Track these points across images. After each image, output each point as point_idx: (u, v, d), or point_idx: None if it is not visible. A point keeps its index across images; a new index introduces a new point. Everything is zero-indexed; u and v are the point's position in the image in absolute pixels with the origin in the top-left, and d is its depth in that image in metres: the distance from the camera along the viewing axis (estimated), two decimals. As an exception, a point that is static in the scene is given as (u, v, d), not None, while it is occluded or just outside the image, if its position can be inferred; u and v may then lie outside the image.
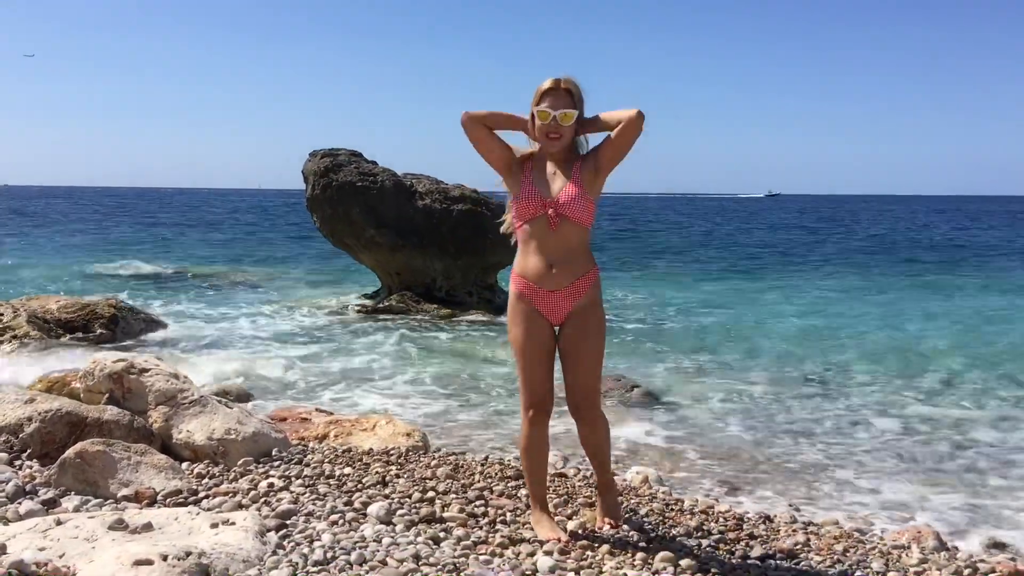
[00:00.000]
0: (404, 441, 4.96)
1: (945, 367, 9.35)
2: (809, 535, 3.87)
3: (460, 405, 7.37)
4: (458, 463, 4.56)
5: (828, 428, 6.82)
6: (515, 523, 3.61)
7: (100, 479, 3.79)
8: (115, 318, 9.91)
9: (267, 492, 3.87)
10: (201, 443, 4.41)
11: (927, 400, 7.85)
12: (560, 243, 3.31)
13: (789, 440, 6.45)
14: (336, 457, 4.53)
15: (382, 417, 5.42)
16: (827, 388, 8.27)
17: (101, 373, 4.71)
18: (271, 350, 9.90)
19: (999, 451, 6.28)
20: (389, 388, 8.06)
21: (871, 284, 18.43)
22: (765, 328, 12.10)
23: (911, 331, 11.96)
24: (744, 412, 7.26)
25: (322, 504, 3.72)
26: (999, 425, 6.97)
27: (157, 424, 4.51)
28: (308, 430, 5.24)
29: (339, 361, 9.30)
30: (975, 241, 33.67)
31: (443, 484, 4.07)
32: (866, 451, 6.21)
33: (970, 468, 5.86)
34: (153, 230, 36.54)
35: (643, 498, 4.18)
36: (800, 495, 5.15)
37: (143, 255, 23.01)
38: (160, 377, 4.72)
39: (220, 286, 16.58)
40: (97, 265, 19.79)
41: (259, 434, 4.54)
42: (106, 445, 3.91)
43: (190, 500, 3.74)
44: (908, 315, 13.55)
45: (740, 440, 6.41)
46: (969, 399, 7.92)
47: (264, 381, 8.12)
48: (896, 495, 5.22)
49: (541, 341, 3.37)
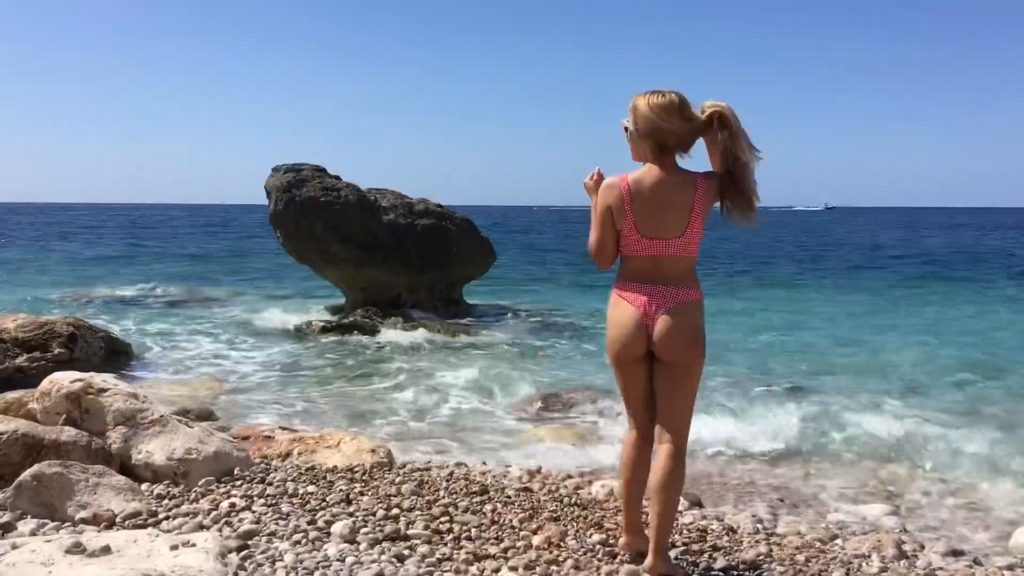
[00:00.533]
0: (369, 457, 4.93)
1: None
2: (772, 545, 3.91)
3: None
4: (423, 479, 4.54)
5: (795, 438, 6.89)
6: (480, 539, 3.61)
7: (57, 502, 3.72)
8: (74, 336, 9.73)
9: (228, 512, 3.82)
10: (161, 463, 4.35)
11: (895, 403, 7.97)
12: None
13: (756, 451, 6.50)
14: (300, 475, 4.49)
15: (347, 433, 5.38)
16: (793, 396, 8.36)
17: (58, 393, 4.63)
18: (234, 367, 9.80)
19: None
20: (359, 403, 8.01)
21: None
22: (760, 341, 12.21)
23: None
24: (711, 422, 7.32)
25: (285, 523, 3.68)
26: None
27: (116, 445, 4.44)
28: (271, 448, 5.19)
29: (303, 377, 9.22)
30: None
31: (408, 501, 4.05)
32: (833, 459, 6.30)
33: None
34: (112, 247, 36.02)
35: (608, 511, 4.20)
36: (764, 505, 5.19)
37: (105, 272, 22.67)
38: (119, 397, 4.65)
39: (182, 303, 16.38)
40: (50, 285, 19.44)
41: (221, 453, 4.49)
42: (63, 467, 3.84)
43: (150, 522, 3.69)
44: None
45: (704, 452, 6.46)
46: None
47: (227, 399, 8.03)
48: (860, 504, 5.30)
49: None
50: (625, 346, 3.25)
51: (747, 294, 18.49)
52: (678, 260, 3.21)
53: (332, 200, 13.10)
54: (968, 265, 27.60)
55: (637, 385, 3.31)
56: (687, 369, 3.22)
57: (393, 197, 13.74)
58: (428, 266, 13.21)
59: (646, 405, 3.31)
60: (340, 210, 13.07)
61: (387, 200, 13.59)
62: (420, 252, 13.08)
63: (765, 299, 17.59)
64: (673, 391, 3.23)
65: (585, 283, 20.28)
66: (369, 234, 13.09)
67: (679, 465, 3.20)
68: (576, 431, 6.97)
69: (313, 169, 13.78)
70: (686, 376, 3.23)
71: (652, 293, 3.19)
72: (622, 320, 3.24)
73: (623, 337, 3.24)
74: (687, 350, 3.19)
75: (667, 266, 3.21)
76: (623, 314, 3.24)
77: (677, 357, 3.20)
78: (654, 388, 3.28)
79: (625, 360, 3.28)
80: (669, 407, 3.24)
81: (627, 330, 3.22)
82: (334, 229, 13.01)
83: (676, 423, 3.24)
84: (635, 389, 3.32)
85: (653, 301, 3.18)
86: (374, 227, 13.17)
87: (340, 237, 13.01)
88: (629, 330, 3.22)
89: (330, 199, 13.11)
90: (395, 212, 13.38)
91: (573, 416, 7.50)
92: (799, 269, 26.46)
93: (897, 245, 40.46)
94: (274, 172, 13.77)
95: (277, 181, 13.48)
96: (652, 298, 3.19)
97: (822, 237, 49.71)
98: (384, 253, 13.06)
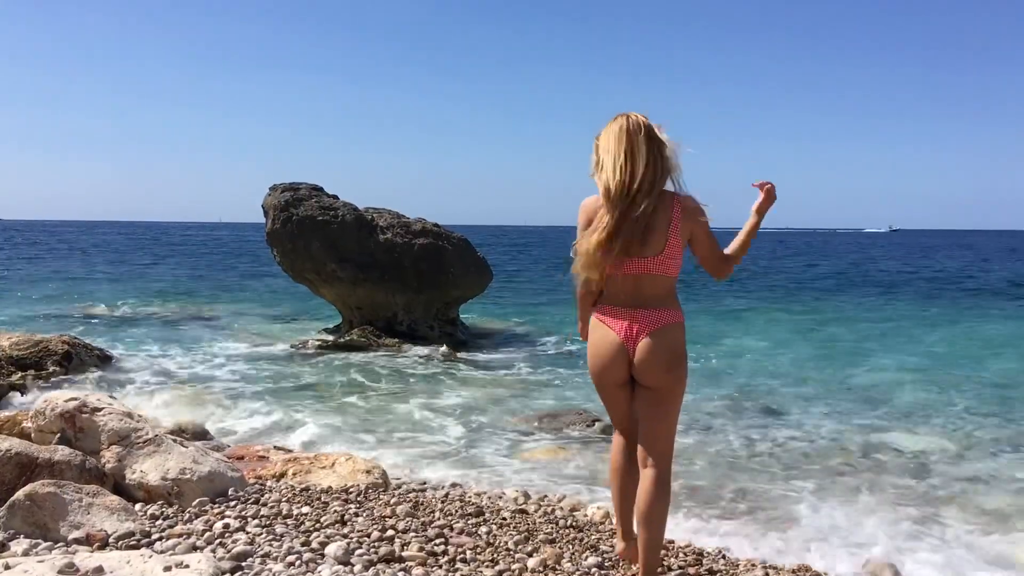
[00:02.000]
0: (364, 478, 4.91)
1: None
2: (767, 569, 3.90)
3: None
4: (418, 500, 4.53)
5: (789, 459, 6.88)
6: (475, 561, 3.59)
7: (50, 521, 3.70)
8: (69, 355, 9.72)
9: (222, 533, 3.81)
10: (155, 483, 4.33)
11: (904, 430, 7.96)
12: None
13: (752, 473, 6.49)
14: (294, 496, 4.48)
15: (341, 454, 5.37)
16: (785, 419, 8.35)
17: (53, 412, 4.62)
18: (229, 386, 9.77)
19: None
20: (354, 423, 7.99)
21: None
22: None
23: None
24: (706, 444, 7.31)
25: (279, 544, 3.66)
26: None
27: (110, 464, 4.43)
28: (266, 468, 5.17)
29: (298, 397, 9.20)
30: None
31: (403, 522, 4.04)
32: (830, 482, 6.28)
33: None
34: (105, 265, 35.97)
35: (603, 534, 4.18)
36: (759, 528, 5.17)
37: (98, 289, 22.63)
38: (113, 416, 4.64)
39: (177, 321, 16.35)
40: (48, 302, 19.41)
41: (215, 473, 4.47)
42: (57, 486, 3.83)
43: (143, 542, 3.67)
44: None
45: (703, 473, 6.45)
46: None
47: (221, 419, 8.00)
48: (858, 529, 5.28)
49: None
50: (606, 370, 3.24)
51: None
52: (657, 280, 3.18)
53: (329, 219, 13.11)
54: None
55: (619, 407, 3.34)
56: (669, 392, 3.21)
57: (390, 216, 13.76)
58: (425, 285, 13.20)
59: (631, 419, 3.34)
60: (337, 229, 13.08)
61: (384, 219, 13.60)
62: (417, 271, 13.08)
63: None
64: (655, 415, 3.22)
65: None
66: (366, 253, 13.09)
67: (664, 491, 3.20)
68: (572, 452, 6.95)
69: (310, 188, 13.80)
70: (668, 400, 3.21)
71: (633, 317, 3.17)
72: (603, 344, 3.23)
73: (603, 361, 3.23)
74: (668, 374, 3.17)
75: (647, 288, 3.18)
76: (604, 338, 3.23)
77: (658, 381, 3.19)
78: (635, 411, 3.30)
79: (607, 384, 3.29)
80: (652, 431, 3.22)
81: (607, 355, 3.21)
82: (331, 248, 13.01)
83: (660, 447, 3.22)
84: (617, 411, 3.35)
85: (634, 325, 3.16)
86: (371, 246, 13.17)
87: (337, 256, 13.01)
88: (610, 354, 3.21)
89: (327, 218, 13.12)
90: (392, 231, 13.39)
91: (570, 437, 7.48)
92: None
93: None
94: (271, 191, 13.78)
95: (274, 200, 13.49)
96: (633, 322, 3.17)
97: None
98: (381, 272, 13.05)
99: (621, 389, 3.28)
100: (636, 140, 3.10)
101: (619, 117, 3.19)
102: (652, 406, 3.22)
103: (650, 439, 3.22)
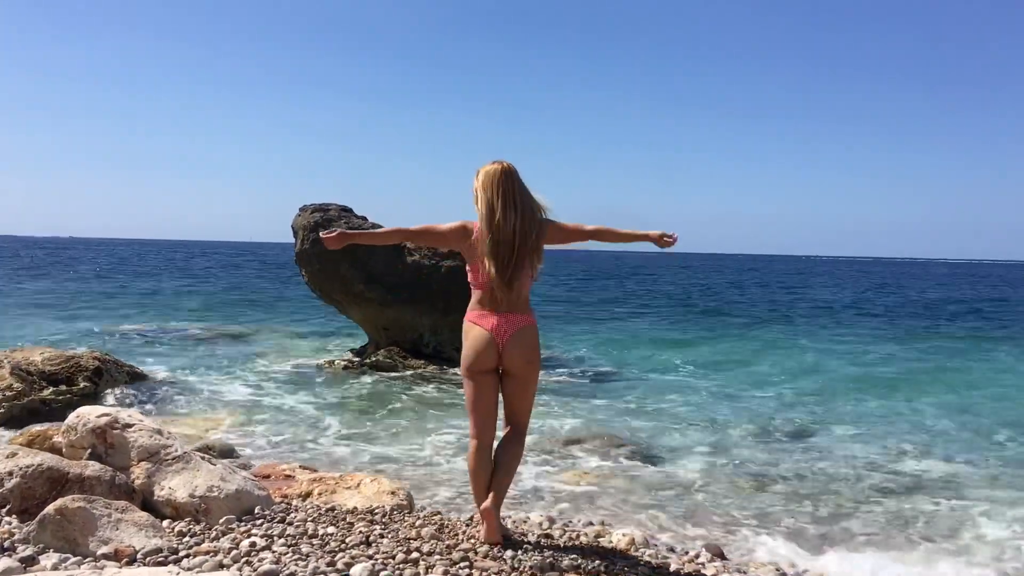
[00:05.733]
0: (389, 500, 4.91)
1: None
2: None
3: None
4: (443, 523, 4.51)
5: (815, 486, 6.80)
6: (500, 586, 3.57)
7: (80, 536, 3.73)
8: (99, 371, 9.83)
9: (249, 551, 3.82)
10: (183, 500, 4.36)
11: (916, 460, 7.85)
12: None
13: (778, 500, 6.42)
14: (319, 516, 4.48)
15: (366, 475, 5.37)
16: (808, 442, 8.25)
17: (84, 428, 4.67)
18: (256, 405, 9.83)
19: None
20: (380, 444, 8.00)
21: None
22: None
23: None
24: (731, 470, 7.24)
25: (304, 564, 3.67)
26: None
27: (139, 480, 4.46)
28: (292, 487, 5.19)
29: (324, 416, 9.23)
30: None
31: (427, 545, 4.03)
32: (864, 511, 6.19)
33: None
34: (139, 283, 36.42)
35: (630, 561, 4.14)
36: (786, 556, 5.11)
37: (129, 308, 22.91)
38: (144, 433, 4.68)
39: (206, 340, 16.50)
40: (80, 320, 19.68)
41: (242, 491, 4.49)
42: (87, 502, 3.86)
43: (170, 559, 3.69)
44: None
45: (728, 500, 6.38)
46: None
47: (248, 437, 8.05)
48: (886, 557, 5.20)
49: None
50: (479, 359, 3.92)
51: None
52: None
53: (358, 240, 13.22)
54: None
55: (485, 394, 3.97)
56: (530, 378, 4.00)
57: (418, 238, 13.84)
58: (451, 308, 13.23)
59: (491, 414, 3.98)
60: (366, 250, 13.17)
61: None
62: (444, 293, 13.12)
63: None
64: (519, 394, 4.01)
65: (597, 317, 20.12)
66: (394, 274, 13.17)
67: (520, 444, 4.04)
68: (597, 477, 6.91)
69: (340, 209, 13.91)
70: (530, 383, 4.02)
71: (500, 319, 3.90)
72: (478, 339, 3.92)
73: (478, 353, 3.92)
74: (529, 364, 3.94)
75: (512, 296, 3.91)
76: (478, 334, 3.93)
77: (522, 370, 3.95)
78: (502, 394, 4.04)
79: (479, 371, 3.94)
80: (516, 406, 4.04)
81: (481, 348, 3.91)
82: (360, 268, 13.10)
83: (522, 416, 4.07)
84: (483, 399, 3.97)
85: (502, 325, 3.89)
86: (399, 267, 13.24)
87: (365, 276, 13.09)
88: (483, 347, 3.91)
89: (356, 239, 13.22)
90: (420, 253, 13.46)
91: (593, 461, 7.45)
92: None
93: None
94: (301, 212, 13.91)
95: (304, 220, 13.61)
96: (500, 322, 3.89)
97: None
98: (409, 293, 13.12)
99: (489, 376, 4.02)
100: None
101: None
102: (517, 387, 4.02)
103: (515, 410, 4.05)
